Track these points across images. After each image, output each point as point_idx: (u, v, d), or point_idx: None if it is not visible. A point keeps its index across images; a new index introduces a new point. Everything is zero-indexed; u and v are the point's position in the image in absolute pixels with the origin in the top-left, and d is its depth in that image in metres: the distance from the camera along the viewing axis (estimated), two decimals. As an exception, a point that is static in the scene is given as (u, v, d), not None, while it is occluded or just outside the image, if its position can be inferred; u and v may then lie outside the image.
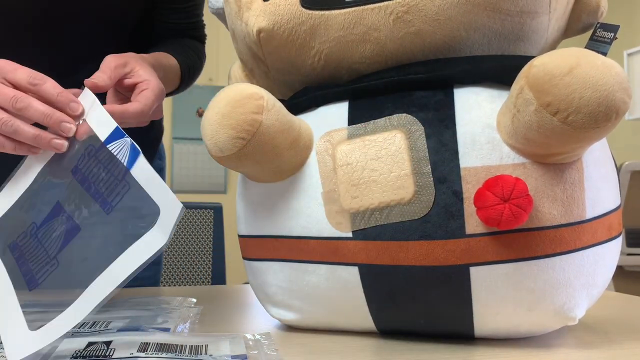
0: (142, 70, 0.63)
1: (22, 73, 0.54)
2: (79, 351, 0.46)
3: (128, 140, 0.51)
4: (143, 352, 0.46)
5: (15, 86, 0.54)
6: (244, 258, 0.61)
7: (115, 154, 0.51)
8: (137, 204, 0.48)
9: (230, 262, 1.82)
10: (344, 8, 0.52)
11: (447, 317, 0.51)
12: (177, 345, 0.48)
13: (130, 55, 0.64)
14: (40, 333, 0.45)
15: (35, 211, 0.55)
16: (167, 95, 0.80)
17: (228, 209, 1.73)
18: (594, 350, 0.51)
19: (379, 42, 0.52)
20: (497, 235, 0.46)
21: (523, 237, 0.46)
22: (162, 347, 0.47)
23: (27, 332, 0.46)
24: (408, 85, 0.52)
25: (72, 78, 0.77)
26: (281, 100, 0.56)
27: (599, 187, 0.49)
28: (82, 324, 0.55)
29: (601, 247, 0.49)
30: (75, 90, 0.58)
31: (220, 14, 0.66)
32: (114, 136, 0.52)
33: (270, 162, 0.52)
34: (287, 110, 0.53)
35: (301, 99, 0.57)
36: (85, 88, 0.57)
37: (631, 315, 0.66)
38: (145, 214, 0.47)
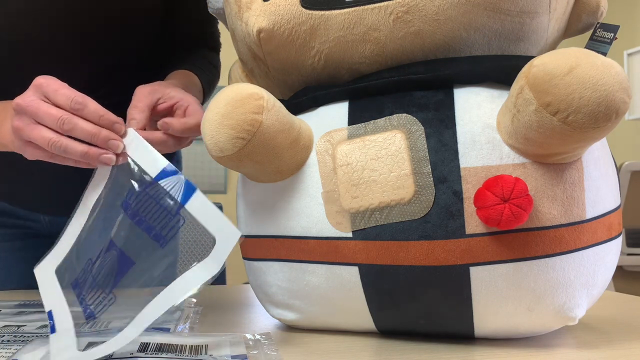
0: (173, 92, 0.64)
1: (63, 95, 0.54)
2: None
3: (182, 177, 0.52)
4: (143, 352, 0.46)
5: (58, 106, 0.55)
6: (244, 258, 0.61)
7: (168, 189, 0.52)
8: (192, 236, 0.50)
9: (230, 262, 1.82)
10: (344, 8, 0.52)
11: (447, 317, 0.51)
12: (177, 345, 0.48)
13: (158, 83, 0.65)
14: (87, 353, 0.47)
15: (91, 247, 0.56)
16: None
17: (228, 209, 1.73)
18: (594, 350, 0.51)
19: (379, 42, 0.52)
20: (497, 235, 0.46)
21: (523, 237, 0.46)
22: (162, 347, 0.47)
23: (75, 352, 0.47)
24: (408, 85, 0.52)
25: (99, 91, 0.78)
26: (281, 100, 0.56)
27: (599, 187, 0.49)
28: (82, 324, 0.55)
29: (601, 247, 0.49)
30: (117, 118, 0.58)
31: (220, 14, 0.66)
32: (166, 173, 0.53)
33: (270, 162, 0.52)
34: (287, 110, 0.53)
35: (301, 99, 0.57)
36: (127, 126, 0.58)
37: (631, 315, 0.66)
38: (201, 244, 0.49)
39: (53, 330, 0.49)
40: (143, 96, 0.62)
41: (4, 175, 0.81)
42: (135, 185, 0.55)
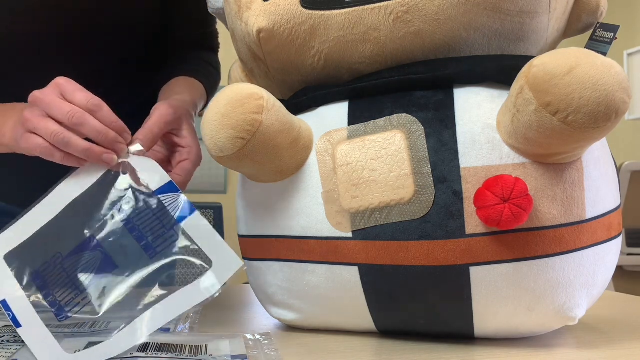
0: (186, 132, 0.64)
1: (81, 95, 0.55)
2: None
3: (183, 196, 0.53)
4: (143, 352, 0.46)
5: (73, 104, 0.55)
6: (244, 258, 0.61)
7: (166, 204, 0.53)
8: (185, 254, 0.51)
9: (230, 262, 1.82)
10: (344, 8, 0.52)
11: (447, 317, 0.51)
12: (177, 345, 0.48)
13: (182, 111, 0.65)
14: (79, 357, 0.46)
15: (61, 242, 0.55)
16: None
17: (228, 209, 1.73)
18: (594, 350, 0.51)
19: (379, 42, 0.52)
20: (497, 235, 0.46)
21: (523, 237, 0.46)
22: (161, 347, 0.47)
23: (63, 354, 0.47)
24: (408, 85, 0.52)
25: (98, 90, 0.78)
26: (281, 100, 0.56)
27: (599, 187, 0.49)
28: (82, 324, 0.55)
29: (601, 247, 0.49)
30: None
31: (220, 14, 0.66)
32: (167, 188, 0.54)
33: (270, 162, 0.52)
34: (287, 110, 0.53)
35: (301, 99, 0.57)
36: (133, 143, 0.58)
37: (631, 315, 0.66)
38: (193, 265, 0.50)
39: (17, 323, 0.48)
40: (160, 123, 0.61)
41: None
42: (134, 193, 0.55)
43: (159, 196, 0.54)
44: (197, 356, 0.46)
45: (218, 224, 1.85)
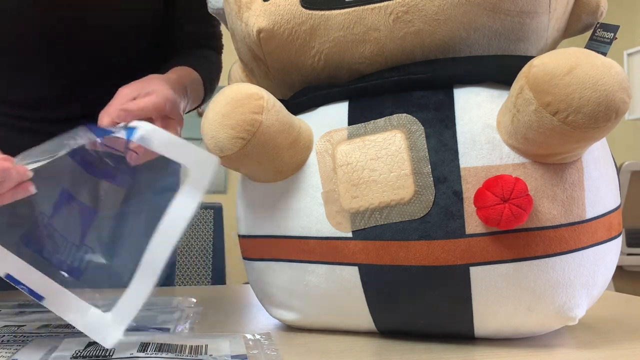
0: (153, 86, 0.62)
1: None
2: (79, 351, 0.47)
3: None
4: (143, 352, 0.46)
5: None
6: (244, 258, 0.61)
7: (113, 131, 0.50)
8: (154, 170, 0.48)
9: (230, 262, 1.82)
10: (344, 8, 0.52)
11: (447, 317, 0.51)
12: (177, 345, 0.48)
13: (145, 79, 0.63)
14: (116, 313, 0.45)
15: (39, 201, 0.51)
16: (194, 109, 0.81)
17: (228, 209, 1.73)
18: (594, 350, 0.51)
19: (379, 42, 0.52)
20: (497, 235, 0.46)
21: (523, 237, 0.46)
22: (162, 347, 0.47)
23: (101, 315, 0.45)
24: (408, 85, 0.52)
25: (95, 92, 0.77)
26: (281, 100, 0.56)
27: (599, 187, 0.49)
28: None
29: (601, 247, 0.49)
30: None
31: (220, 14, 0.66)
32: (108, 130, 0.52)
33: (270, 162, 0.52)
34: (287, 110, 0.53)
35: (301, 99, 0.57)
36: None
37: (631, 315, 0.66)
38: (167, 176, 0.47)
39: (38, 296, 0.45)
40: (120, 97, 0.60)
41: None
42: (83, 140, 0.52)
43: (103, 139, 0.50)
44: (197, 356, 0.46)
45: (218, 224, 1.85)
